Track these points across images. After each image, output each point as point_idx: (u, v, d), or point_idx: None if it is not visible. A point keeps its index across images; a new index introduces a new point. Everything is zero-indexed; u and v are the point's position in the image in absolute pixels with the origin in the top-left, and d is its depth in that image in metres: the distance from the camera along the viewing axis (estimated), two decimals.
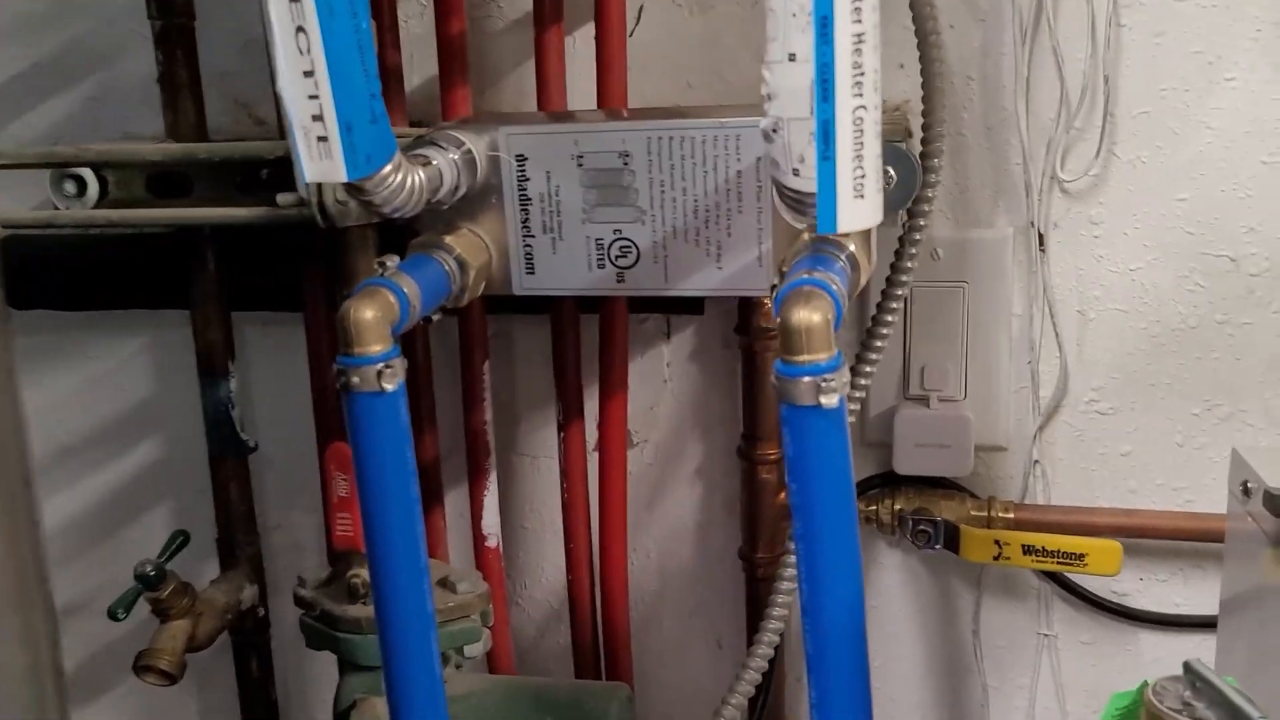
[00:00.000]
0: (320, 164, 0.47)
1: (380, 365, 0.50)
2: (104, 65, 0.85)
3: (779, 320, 0.47)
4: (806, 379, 0.46)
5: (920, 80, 0.65)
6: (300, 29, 0.45)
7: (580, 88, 0.76)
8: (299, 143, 0.47)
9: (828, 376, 0.45)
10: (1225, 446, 0.74)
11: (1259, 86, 0.70)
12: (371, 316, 0.50)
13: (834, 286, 0.48)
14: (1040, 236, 0.74)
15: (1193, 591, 0.77)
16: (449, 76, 0.72)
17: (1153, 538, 0.74)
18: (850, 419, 0.49)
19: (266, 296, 0.84)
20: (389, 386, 0.50)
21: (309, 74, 0.46)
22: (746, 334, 0.76)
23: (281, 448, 0.90)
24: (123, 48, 0.84)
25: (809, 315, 0.46)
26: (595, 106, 0.73)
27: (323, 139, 0.46)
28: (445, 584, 0.70)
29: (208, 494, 0.87)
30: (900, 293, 0.68)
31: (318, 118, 0.46)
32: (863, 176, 0.39)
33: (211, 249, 0.80)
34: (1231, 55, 0.70)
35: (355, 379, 0.50)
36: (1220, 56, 0.70)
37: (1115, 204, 0.73)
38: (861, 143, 0.38)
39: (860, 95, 0.38)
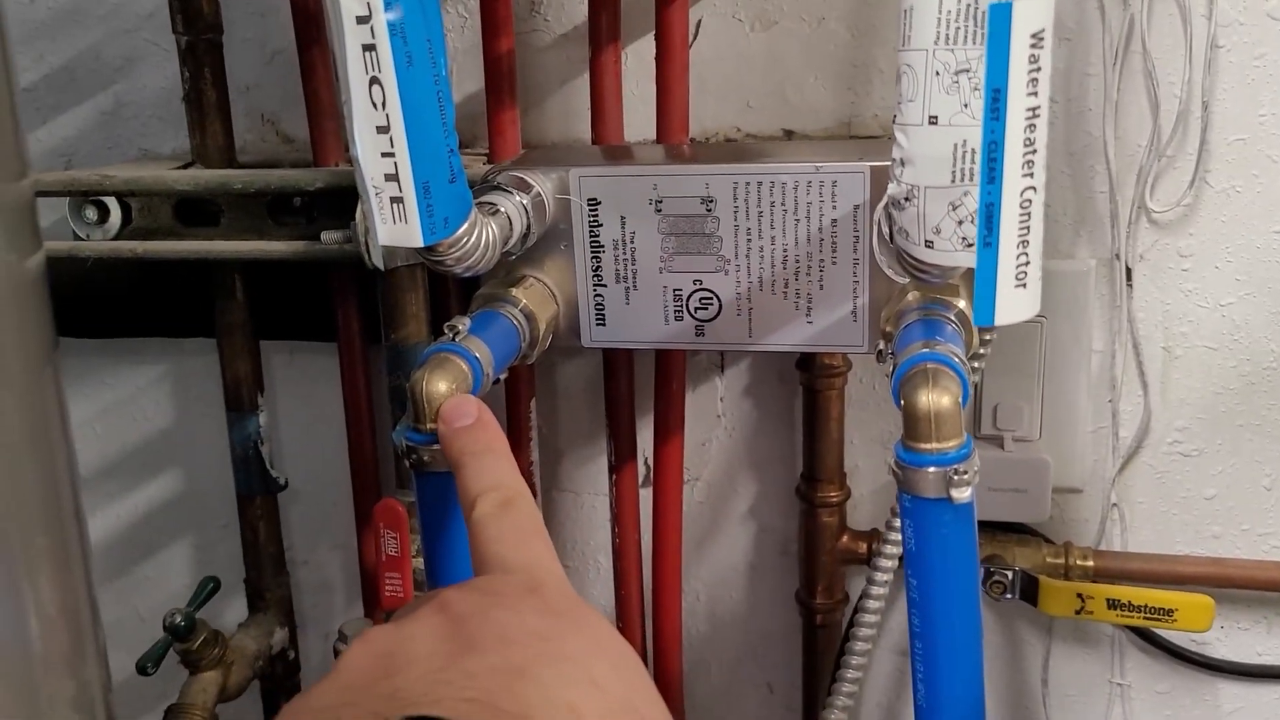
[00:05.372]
0: (394, 227, 0.42)
1: None
2: (120, 78, 0.79)
3: (901, 404, 0.42)
4: (934, 469, 0.42)
5: None
6: (375, 80, 0.40)
7: (634, 108, 0.71)
8: (371, 204, 0.42)
9: (959, 467, 0.41)
10: None
11: None
12: (445, 389, 0.45)
13: (956, 360, 0.44)
14: (1127, 269, 0.69)
15: (1276, 641, 0.73)
16: (497, 99, 0.67)
17: (1244, 588, 0.71)
18: None
19: (295, 325, 0.80)
20: None
21: (383, 129, 0.41)
22: (808, 370, 0.71)
23: (308, 480, 0.85)
24: (140, 59, 0.79)
25: (938, 399, 0.42)
26: (652, 130, 0.68)
27: (397, 200, 0.42)
28: None
29: (231, 529, 0.82)
30: (990, 338, 0.63)
31: (392, 177, 0.41)
32: (1026, 264, 0.35)
33: (239, 275, 0.75)
34: None
35: (426, 457, 0.46)
36: None
37: (1207, 235, 0.68)
38: (1028, 227, 0.34)
39: (1030, 175, 0.33)
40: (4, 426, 0.31)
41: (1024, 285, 0.35)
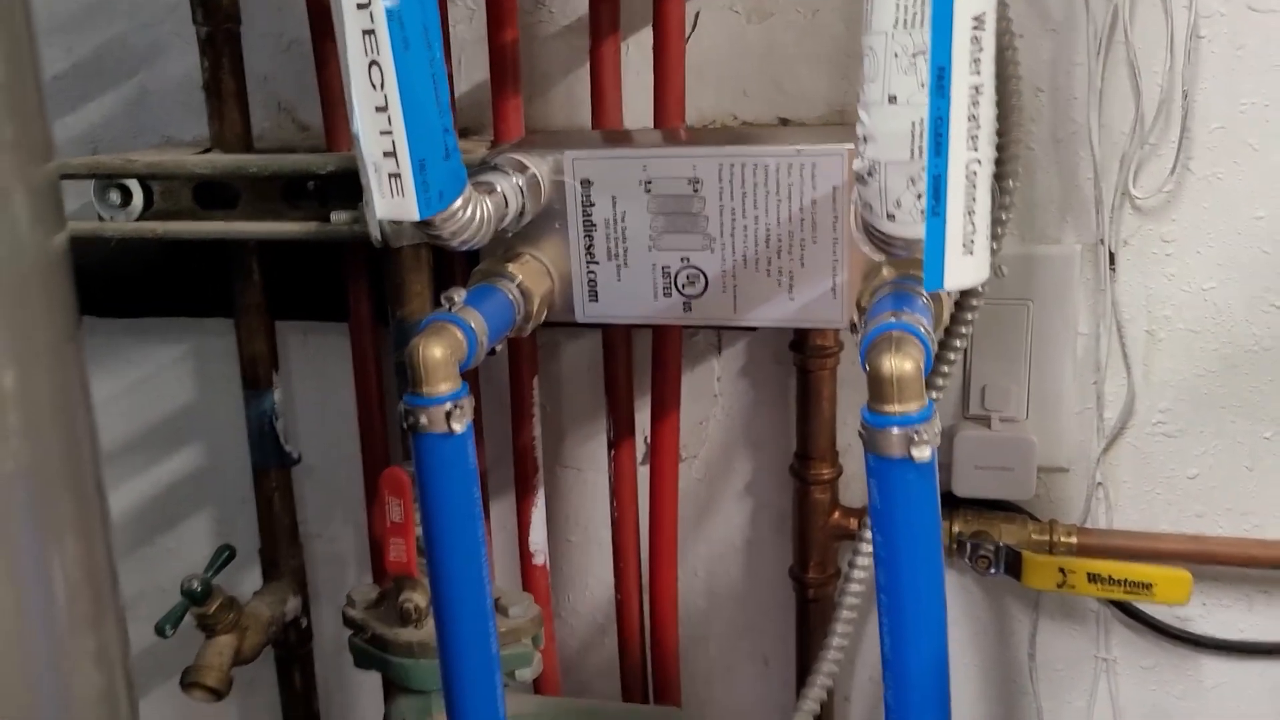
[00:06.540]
0: (392, 201, 0.45)
1: (449, 405, 0.48)
2: (144, 67, 0.83)
3: (867, 368, 0.45)
4: (896, 430, 0.44)
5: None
6: (374, 63, 0.43)
7: (634, 97, 0.74)
8: (370, 179, 0.45)
9: (919, 428, 0.44)
10: None
11: None
12: (441, 355, 0.48)
13: (921, 329, 0.46)
14: (1110, 254, 0.71)
15: (1258, 618, 0.75)
16: (501, 87, 0.70)
17: (1223, 565, 0.73)
18: None
19: (309, 305, 0.83)
20: (458, 428, 0.49)
21: (381, 109, 0.44)
22: (801, 351, 0.74)
23: (321, 455, 0.89)
24: (163, 49, 0.82)
25: (900, 363, 0.44)
26: (650, 118, 0.71)
27: (395, 176, 0.45)
28: (497, 607, 0.69)
29: (249, 503, 0.86)
30: (970, 317, 0.66)
31: (390, 154, 0.44)
32: (973, 232, 0.37)
33: (256, 258, 0.79)
34: None
35: (424, 419, 0.49)
36: None
37: (1189, 221, 0.70)
38: (974, 197, 0.37)
39: (975, 149, 0.36)
40: (34, 399, 0.33)
41: (971, 252, 0.37)
